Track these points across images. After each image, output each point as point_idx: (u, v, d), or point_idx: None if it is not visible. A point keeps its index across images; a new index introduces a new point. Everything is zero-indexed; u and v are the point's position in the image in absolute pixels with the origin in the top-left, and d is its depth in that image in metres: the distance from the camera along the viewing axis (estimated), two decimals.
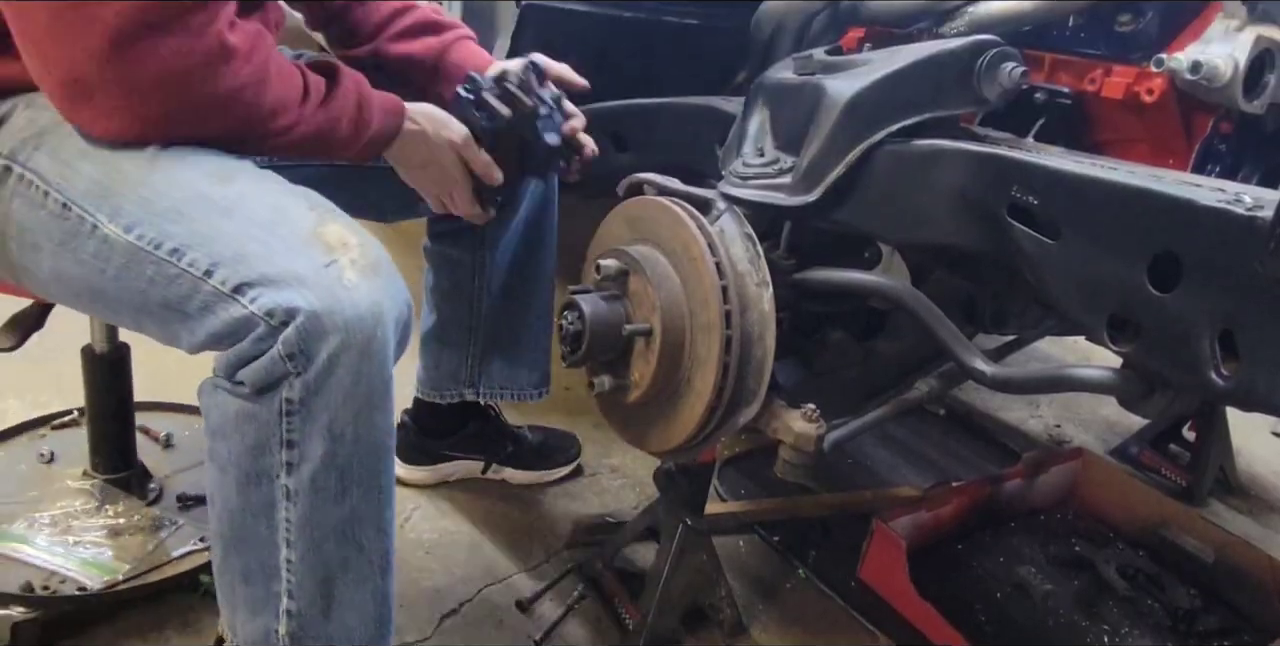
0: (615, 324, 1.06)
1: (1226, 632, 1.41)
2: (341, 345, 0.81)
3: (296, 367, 0.82)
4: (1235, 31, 1.03)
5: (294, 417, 0.84)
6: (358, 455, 0.87)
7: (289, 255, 0.83)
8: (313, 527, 0.89)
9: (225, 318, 0.82)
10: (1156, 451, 1.91)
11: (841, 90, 0.99)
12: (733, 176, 1.10)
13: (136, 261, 0.84)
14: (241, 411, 0.86)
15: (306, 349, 0.81)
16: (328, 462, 0.86)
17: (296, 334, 0.80)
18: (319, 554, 0.90)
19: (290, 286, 0.81)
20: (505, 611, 1.36)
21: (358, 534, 0.91)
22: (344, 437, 0.85)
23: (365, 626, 0.94)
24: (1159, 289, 0.74)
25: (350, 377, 0.83)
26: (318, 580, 0.90)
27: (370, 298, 0.82)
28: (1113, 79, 1.10)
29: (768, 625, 1.39)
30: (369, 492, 0.89)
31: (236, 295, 0.81)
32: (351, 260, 0.83)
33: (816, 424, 1.00)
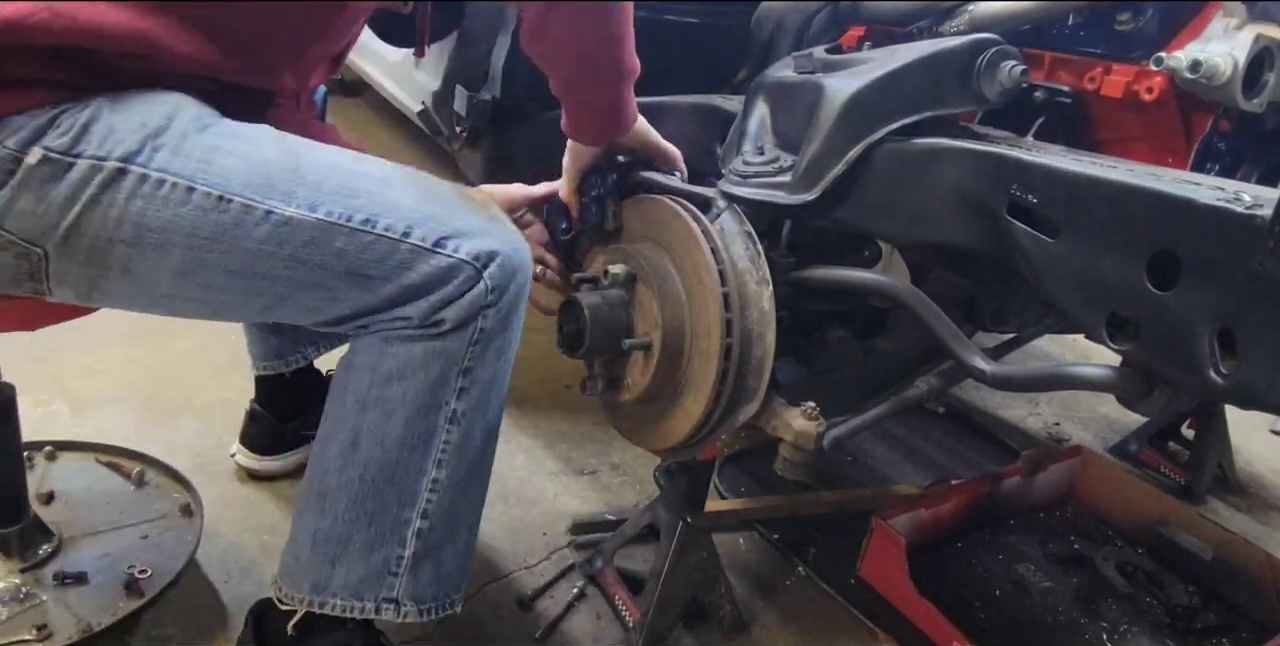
0: (615, 330, 1.06)
1: (1225, 630, 1.41)
2: (524, 277, 0.98)
3: (494, 299, 0.95)
4: (1234, 30, 1.04)
5: (478, 346, 0.97)
6: (503, 370, 1.01)
7: (463, 213, 0.98)
8: (467, 443, 1.00)
9: (426, 269, 0.93)
10: (1155, 449, 1.92)
11: (841, 89, 0.99)
12: (733, 175, 1.10)
13: (326, 236, 0.92)
14: (429, 350, 0.96)
15: (504, 282, 0.95)
16: (494, 383, 1.00)
17: (500, 270, 0.95)
18: (463, 466, 1.01)
19: (481, 235, 0.95)
20: (506, 608, 1.36)
21: (490, 442, 1.05)
22: (507, 357, 1.01)
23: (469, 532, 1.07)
24: (1158, 287, 0.74)
25: (521, 305, 0.99)
26: (455, 492, 1.01)
27: (523, 240, 1.00)
28: (1112, 77, 1.10)
29: (767, 623, 1.39)
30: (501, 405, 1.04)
31: (438, 248, 0.93)
32: (498, 214, 1.02)
33: (816, 422, 1.01)
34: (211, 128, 0.92)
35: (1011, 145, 0.96)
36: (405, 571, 1.01)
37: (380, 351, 0.97)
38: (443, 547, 1.03)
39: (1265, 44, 1.02)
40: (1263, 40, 1.02)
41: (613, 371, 1.12)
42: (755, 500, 1.56)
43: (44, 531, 1.28)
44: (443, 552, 1.03)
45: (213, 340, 1.97)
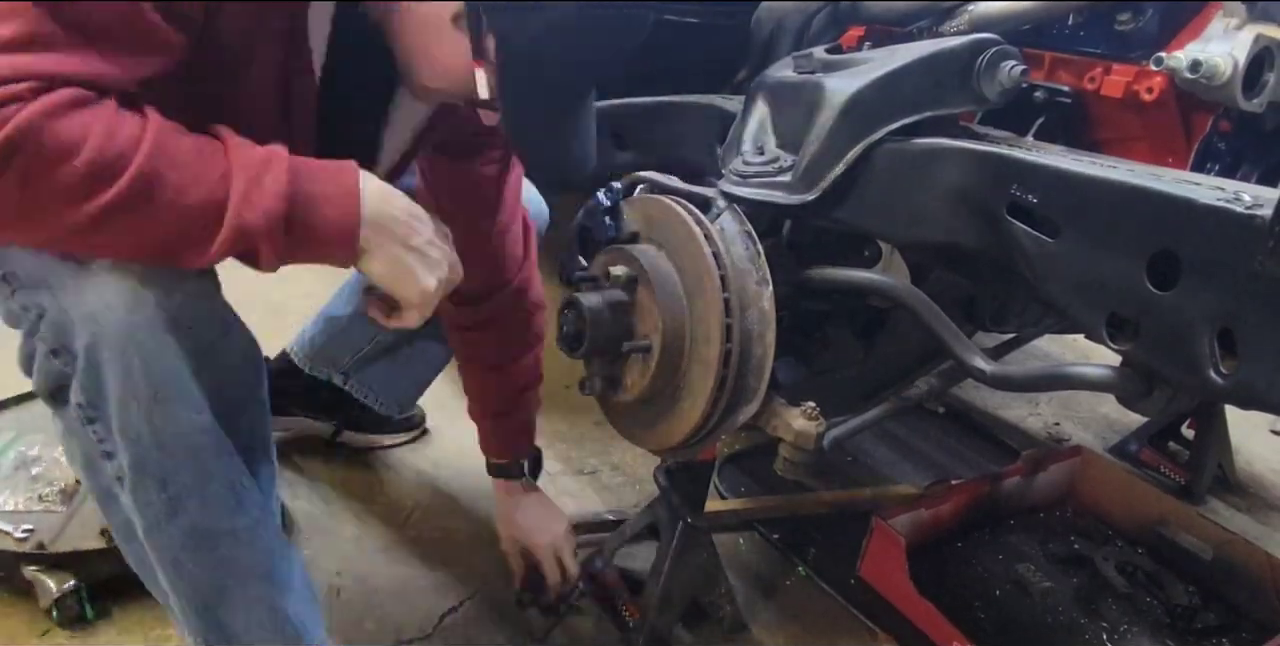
0: (615, 332, 1.06)
1: (1225, 629, 1.41)
2: (95, 337, 0.75)
3: (65, 366, 0.77)
4: (1234, 30, 1.04)
5: (96, 425, 0.79)
6: (169, 460, 0.79)
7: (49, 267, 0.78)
8: (160, 549, 0.83)
9: (6, 311, 0.80)
10: (1155, 449, 1.92)
11: (841, 89, 0.99)
12: (733, 175, 1.10)
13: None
14: (63, 428, 0.82)
15: (64, 345, 0.76)
16: (139, 471, 0.79)
17: (50, 329, 0.76)
18: (182, 577, 0.84)
19: (43, 280, 0.76)
20: (505, 608, 1.36)
21: (212, 549, 0.83)
22: (140, 441, 0.78)
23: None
24: (1158, 287, 0.74)
25: (120, 372, 0.75)
26: (198, 609, 0.85)
27: (122, 287, 0.75)
28: (1112, 77, 1.10)
29: (767, 622, 1.39)
30: (206, 501, 0.81)
31: (5, 282, 0.78)
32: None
33: (816, 422, 1.00)
34: None
35: (1011, 145, 0.96)
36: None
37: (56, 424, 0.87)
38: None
39: (1265, 44, 1.02)
40: (1263, 40, 1.02)
41: (612, 372, 1.12)
42: (755, 500, 1.56)
43: None
44: None
45: None
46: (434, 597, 1.37)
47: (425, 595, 1.37)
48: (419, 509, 1.57)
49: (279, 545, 0.88)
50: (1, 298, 0.79)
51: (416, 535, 1.50)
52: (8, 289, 0.79)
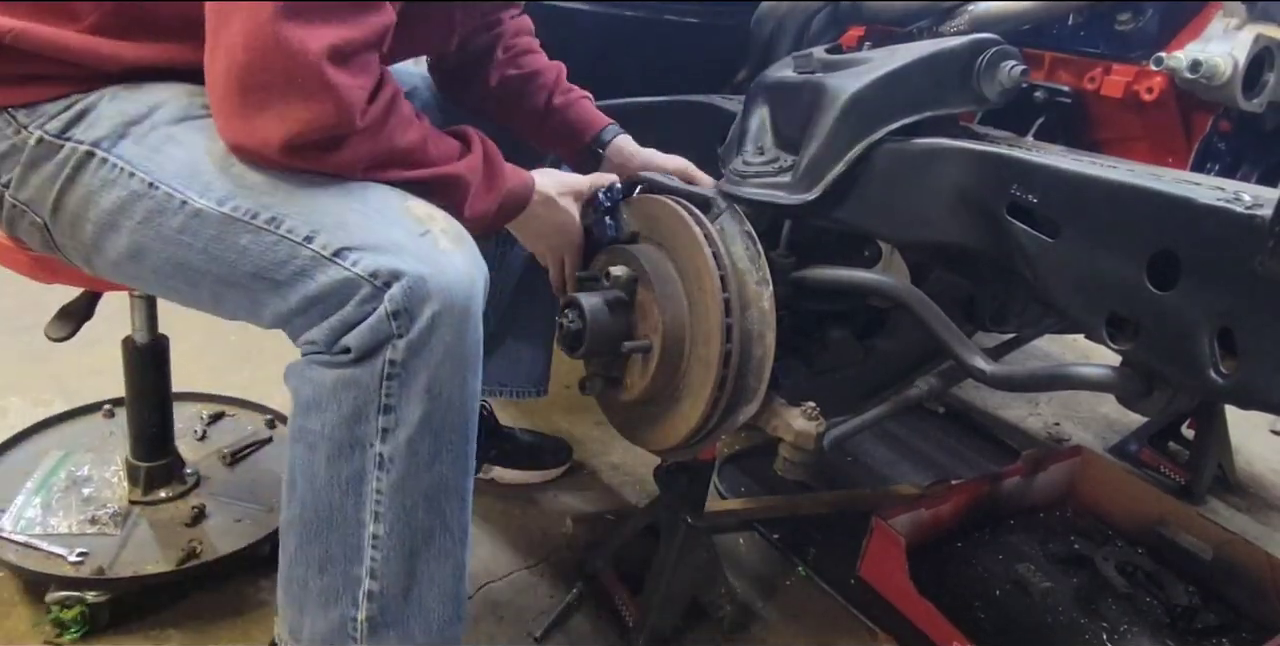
0: (615, 332, 1.06)
1: (1225, 630, 1.41)
2: (443, 306, 0.85)
3: (400, 328, 0.85)
4: (1234, 30, 1.04)
5: (393, 381, 0.87)
6: (451, 418, 0.90)
7: (386, 224, 0.88)
8: (404, 496, 0.90)
9: (324, 281, 0.86)
10: (1155, 449, 1.92)
11: (841, 89, 0.99)
12: (733, 175, 1.10)
13: (231, 232, 0.87)
14: (340, 379, 0.87)
15: (411, 309, 0.85)
16: (424, 425, 0.88)
17: (402, 293, 0.84)
18: (408, 525, 0.91)
19: (390, 251, 0.85)
20: (506, 608, 1.36)
21: (444, 503, 0.92)
22: (441, 398, 0.88)
23: (444, 606, 0.95)
24: (1158, 287, 0.74)
25: (451, 337, 0.87)
26: (404, 555, 0.91)
27: (465, 263, 0.88)
28: (1112, 77, 1.10)
29: (767, 622, 1.39)
30: (457, 458, 0.92)
31: (337, 258, 0.85)
32: (442, 230, 0.89)
33: (816, 422, 1.01)
34: (187, 121, 0.92)
35: (1011, 145, 0.96)
36: (364, 637, 0.92)
37: (301, 376, 0.91)
38: (408, 619, 0.93)
39: (1265, 44, 1.02)
40: (1263, 40, 1.02)
41: (612, 372, 1.12)
42: (755, 500, 1.56)
43: (181, 461, 1.45)
44: (409, 624, 0.93)
45: (212, 341, 1.97)
46: None
47: None
48: None
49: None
50: (341, 265, 0.85)
51: None
52: (352, 257, 0.85)
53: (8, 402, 1.70)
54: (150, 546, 1.30)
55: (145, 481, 1.39)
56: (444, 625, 0.95)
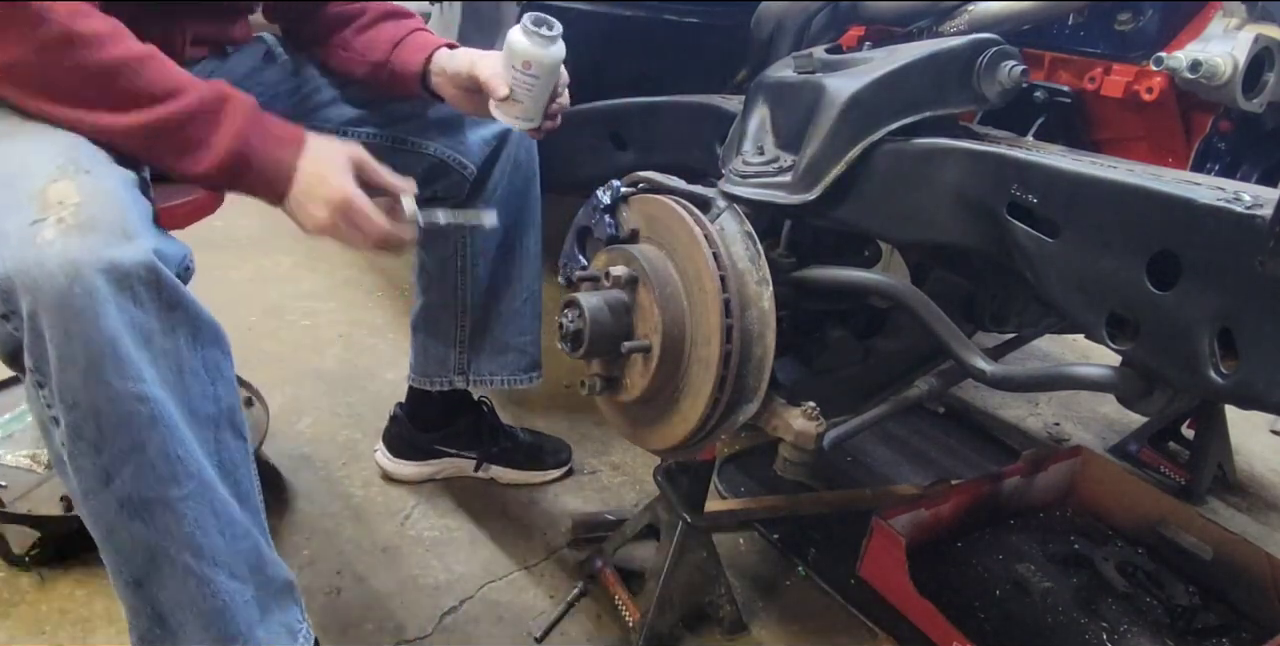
0: (615, 332, 1.06)
1: (1225, 629, 1.41)
2: (36, 303, 0.78)
3: (16, 330, 0.80)
4: (1234, 30, 1.04)
5: (44, 389, 0.81)
6: (104, 426, 0.81)
7: (6, 212, 0.81)
8: (95, 517, 0.83)
9: None
10: (1155, 449, 1.92)
11: (841, 89, 0.99)
12: (733, 175, 1.10)
13: None
14: (26, 394, 0.85)
15: (14, 309, 0.79)
16: (74, 437, 0.81)
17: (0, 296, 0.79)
18: (116, 549, 0.84)
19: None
20: (506, 608, 1.36)
21: (146, 519, 0.83)
22: (78, 407, 0.80)
23: (205, 630, 0.87)
24: (1158, 287, 0.74)
25: (60, 337, 0.78)
26: (129, 582, 0.85)
27: (62, 255, 0.78)
28: (1112, 77, 1.10)
29: (767, 623, 1.39)
30: (139, 470, 0.82)
31: None
32: (59, 219, 0.80)
33: (816, 422, 1.00)
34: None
35: (1011, 145, 0.96)
36: None
37: None
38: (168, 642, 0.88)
39: (1265, 44, 1.02)
40: (1263, 40, 1.02)
41: (612, 372, 1.12)
42: (755, 500, 1.56)
43: None
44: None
45: None
46: (434, 597, 1.37)
47: (425, 594, 1.37)
48: (418, 507, 1.57)
49: (223, 521, 0.88)
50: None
51: (416, 534, 1.50)
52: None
53: None
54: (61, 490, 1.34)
55: None
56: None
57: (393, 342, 2.11)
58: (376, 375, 1.96)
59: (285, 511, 1.51)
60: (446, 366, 1.53)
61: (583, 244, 1.20)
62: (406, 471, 1.61)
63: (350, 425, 1.77)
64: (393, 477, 1.61)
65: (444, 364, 1.52)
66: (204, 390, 0.88)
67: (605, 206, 1.14)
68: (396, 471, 1.61)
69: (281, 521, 1.48)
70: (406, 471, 1.61)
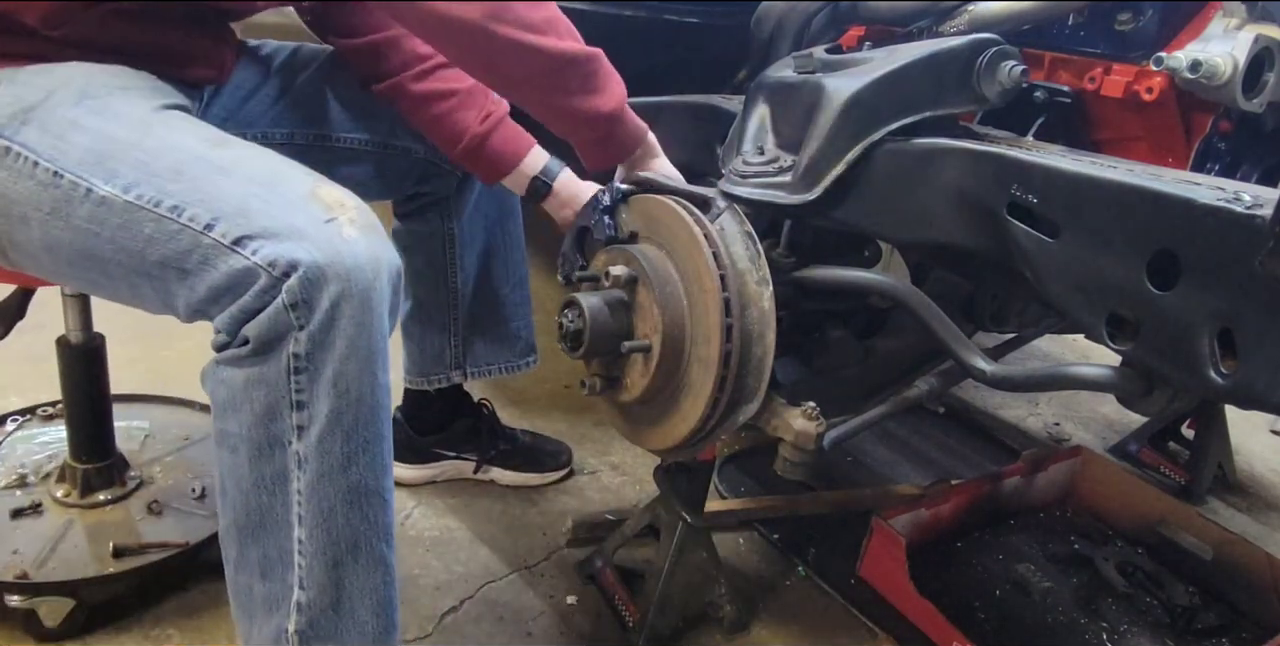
0: (615, 331, 1.06)
1: (1225, 630, 1.41)
2: (342, 294, 0.82)
3: (300, 319, 0.82)
4: (1234, 30, 1.04)
5: (301, 375, 0.84)
6: (362, 415, 0.86)
7: (290, 211, 0.85)
8: (321, 499, 0.87)
9: (226, 270, 0.83)
10: (1155, 449, 1.92)
11: (841, 89, 0.99)
12: (733, 175, 1.10)
13: (135, 220, 0.85)
14: (250, 377, 0.85)
15: (309, 298, 0.82)
16: (333, 422, 0.85)
17: (299, 283, 0.81)
18: (327, 533, 0.88)
19: (291, 239, 0.82)
20: (506, 608, 1.36)
21: (365, 508, 0.89)
22: (348, 394, 0.85)
23: (377, 618, 0.92)
24: (1158, 287, 0.74)
25: (352, 328, 0.83)
26: (327, 564, 0.89)
27: (369, 251, 0.84)
28: (1112, 77, 1.10)
29: (767, 622, 1.39)
30: (374, 459, 0.89)
31: (237, 247, 0.83)
32: (350, 219, 0.86)
33: (816, 422, 1.01)
34: (87, 102, 0.91)
35: (1011, 145, 0.96)
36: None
37: (215, 377, 0.88)
38: (342, 631, 0.90)
39: (1265, 44, 1.02)
40: (1263, 40, 1.02)
41: (612, 372, 1.12)
42: (755, 500, 1.56)
43: (125, 463, 1.41)
44: (344, 635, 0.90)
45: None
46: (434, 597, 1.37)
47: (426, 594, 1.37)
48: (419, 507, 1.57)
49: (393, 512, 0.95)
50: (240, 254, 0.82)
51: (416, 534, 1.50)
52: (251, 246, 0.82)
53: (8, 402, 1.70)
54: (81, 549, 1.26)
55: (83, 484, 1.35)
56: (379, 637, 0.91)
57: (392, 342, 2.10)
58: None
59: None
60: (443, 362, 1.52)
61: (582, 244, 1.20)
62: (406, 475, 1.61)
63: None
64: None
65: (441, 359, 1.52)
66: None
67: (605, 207, 1.14)
68: (396, 475, 1.60)
69: None
70: (406, 475, 1.61)
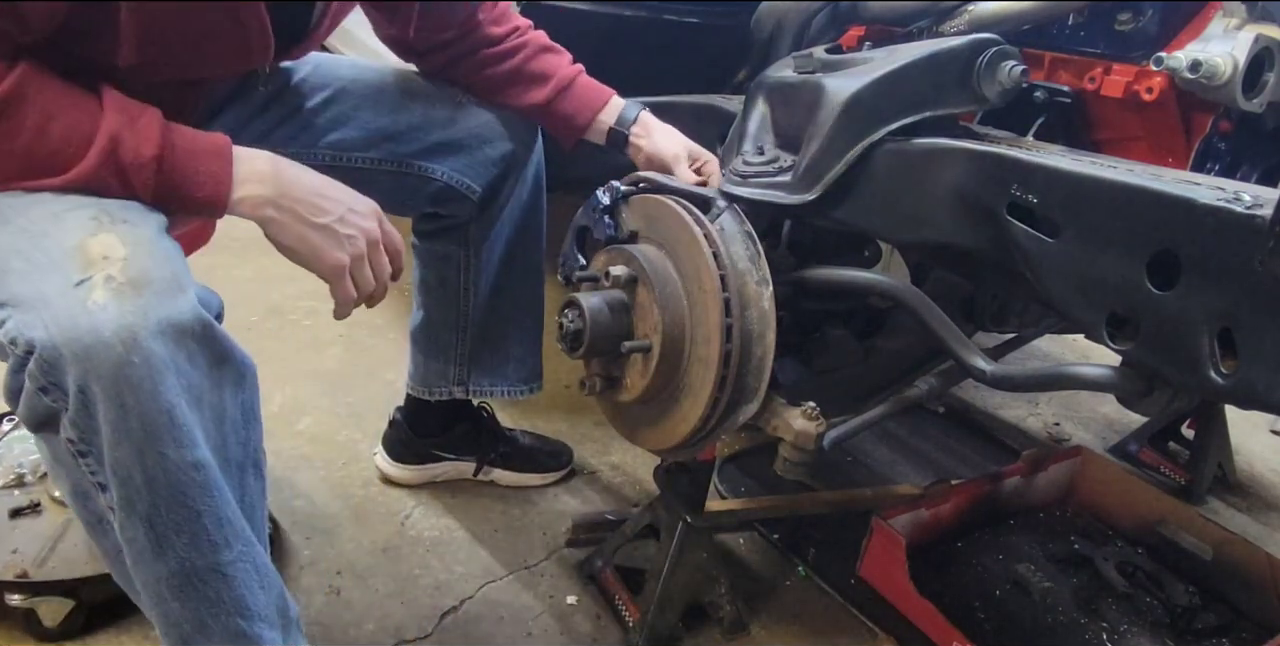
0: (615, 331, 1.06)
1: (1225, 630, 1.41)
2: (86, 375, 0.72)
3: (56, 402, 0.75)
4: (1234, 30, 1.04)
5: (88, 458, 0.78)
6: (158, 499, 0.78)
7: (42, 272, 0.75)
8: (145, 584, 0.82)
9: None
10: (1155, 449, 1.92)
11: (841, 89, 0.99)
12: (733, 175, 1.10)
13: None
14: (51, 458, 0.80)
15: (57, 381, 0.74)
16: (128, 511, 0.78)
17: (38, 366, 0.74)
18: (166, 614, 0.84)
19: (34, 309, 0.73)
20: (506, 608, 1.36)
21: (197, 588, 0.82)
22: (132, 480, 0.77)
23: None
24: (1158, 287, 0.74)
25: (113, 411, 0.74)
26: (174, 643, 0.85)
27: (118, 320, 0.72)
28: (1112, 77, 1.10)
29: (767, 622, 1.39)
30: (194, 539, 0.81)
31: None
32: (108, 276, 0.74)
33: (816, 422, 1.01)
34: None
35: (1011, 145, 0.96)
36: None
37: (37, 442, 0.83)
38: None
39: (1265, 44, 1.02)
40: (1263, 40, 1.02)
41: (612, 372, 1.12)
42: (755, 500, 1.56)
43: None
44: None
45: None
46: (434, 597, 1.37)
47: (425, 594, 1.37)
48: (419, 508, 1.57)
49: (261, 573, 0.88)
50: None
51: (416, 535, 1.50)
52: (1, 316, 0.76)
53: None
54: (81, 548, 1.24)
55: None
56: None
57: (393, 342, 2.11)
58: (376, 375, 1.96)
59: (285, 511, 1.51)
60: (446, 378, 1.52)
61: (582, 244, 1.20)
62: (406, 475, 1.61)
63: (350, 425, 1.77)
64: (392, 481, 1.61)
65: (443, 376, 1.52)
66: (238, 436, 0.86)
67: (605, 206, 1.14)
68: (396, 475, 1.61)
69: (282, 522, 1.48)
70: (406, 475, 1.61)
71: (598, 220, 1.15)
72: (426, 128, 1.29)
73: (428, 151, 1.30)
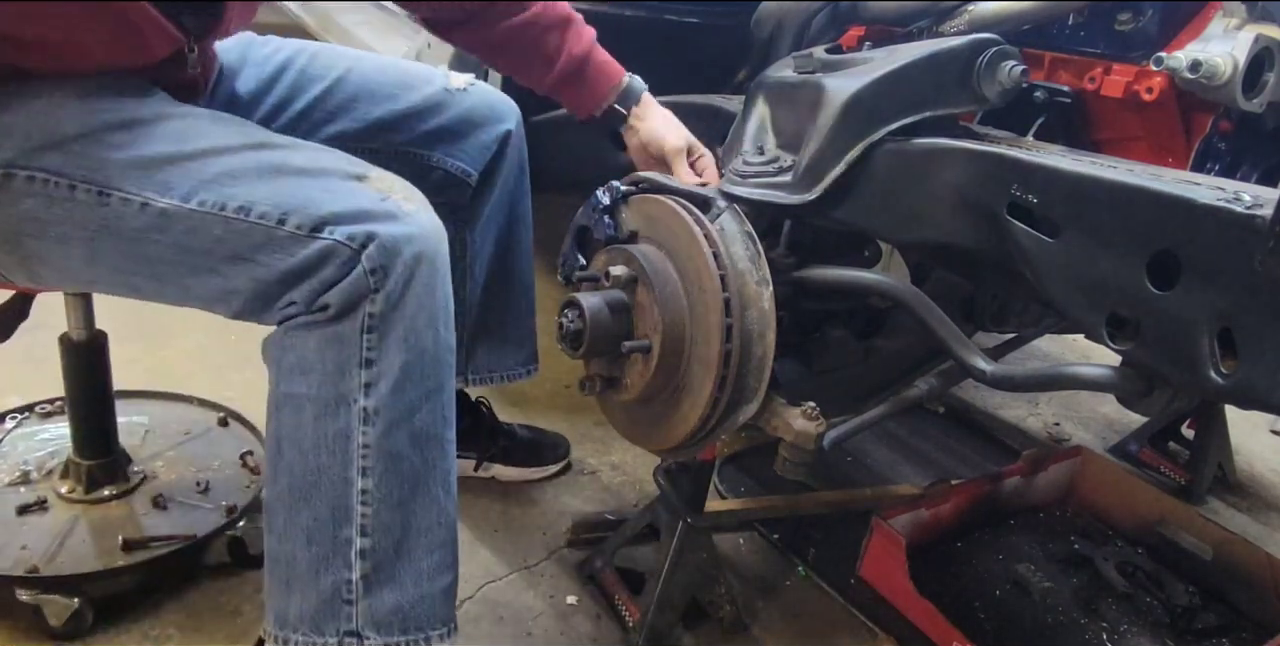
0: (614, 331, 1.07)
1: (1225, 630, 1.41)
2: (416, 257, 0.91)
3: (377, 283, 0.90)
4: (1234, 30, 1.04)
5: (373, 334, 0.91)
6: (427, 367, 0.94)
7: (351, 197, 0.93)
8: (390, 444, 0.94)
9: (305, 254, 0.90)
10: (1155, 449, 1.92)
11: (841, 89, 0.99)
12: (733, 175, 1.10)
13: (203, 225, 0.91)
14: (323, 338, 0.92)
15: (387, 264, 0.90)
16: (405, 374, 0.93)
17: (378, 251, 0.89)
18: (395, 475, 0.94)
19: (362, 218, 0.91)
20: (506, 608, 1.36)
21: (427, 451, 0.97)
22: (417, 348, 0.93)
23: (433, 555, 0.98)
24: (1158, 287, 0.74)
25: (422, 288, 0.93)
26: (393, 506, 0.95)
27: (430, 221, 0.95)
28: (1112, 77, 1.10)
29: (767, 623, 1.39)
30: (435, 408, 0.96)
31: (315, 233, 0.90)
32: (404, 197, 0.96)
33: (816, 422, 1.00)
34: (100, 115, 0.93)
35: (1011, 145, 0.96)
36: (359, 598, 0.94)
37: (282, 345, 0.94)
38: (401, 572, 0.96)
39: (1265, 44, 1.02)
40: (1263, 40, 1.02)
41: (612, 372, 1.12)
42: (755, 500, 1.56)
43: (128, 458, 1.43)
44: (402, 576, 0.96)
45: (213, 340, 1.97)
46: None
47: None
48: None
49: (454, 465, 1.03)
50: (319, 238, 0.90)
51: None
52: (328, 229, 0.90)
53: (7, 401, 1.70)
54: (89, 544, 1.27)
55: (87, 479, 1.36)
56: (435, 574, 0.98)
57: None
58: None
59: None
60: None
61: (582, 244, 1.20)
62: None
63: None
64: None
65: None
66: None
67: (605, 206, 1.14)
68: None
69: None
70: None
71: (598, 220, 1.15)
72: (422, 116, 1.32)
73: (424, 139, 1.33)
